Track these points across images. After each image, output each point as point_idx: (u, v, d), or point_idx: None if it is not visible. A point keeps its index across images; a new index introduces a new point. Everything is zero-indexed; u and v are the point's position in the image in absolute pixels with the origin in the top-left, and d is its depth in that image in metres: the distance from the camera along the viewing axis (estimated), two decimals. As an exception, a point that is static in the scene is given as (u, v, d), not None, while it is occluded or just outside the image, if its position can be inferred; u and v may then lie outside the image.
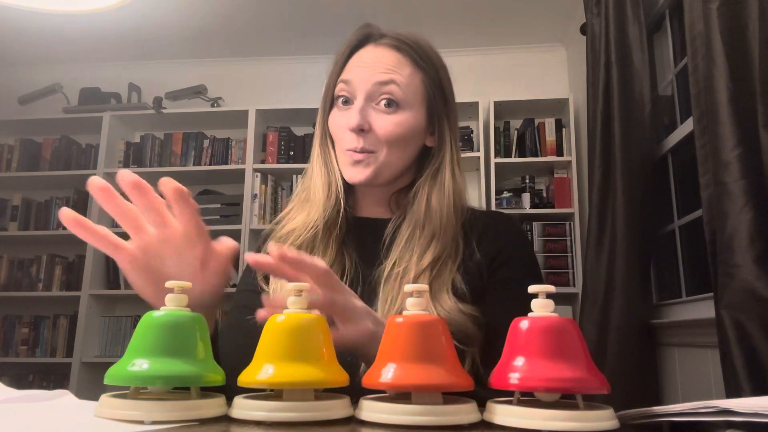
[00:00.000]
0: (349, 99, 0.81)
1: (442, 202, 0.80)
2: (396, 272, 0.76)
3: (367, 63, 0.81)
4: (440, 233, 0.78)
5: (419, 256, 0.76)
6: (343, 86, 0.82)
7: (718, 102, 1.37)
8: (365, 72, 0.80)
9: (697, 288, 1.93)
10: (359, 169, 0.80)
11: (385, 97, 0.79)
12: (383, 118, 0.79)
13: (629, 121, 2.06)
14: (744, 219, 1.27)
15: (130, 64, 3.60)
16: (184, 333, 0.46)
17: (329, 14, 3.05)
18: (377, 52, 0.82)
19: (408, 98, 0.80)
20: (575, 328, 0.45)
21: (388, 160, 0.80)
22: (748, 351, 1.23)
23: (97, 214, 3.13)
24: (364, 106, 0.79)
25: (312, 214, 0.81)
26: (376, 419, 0.43)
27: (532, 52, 3.37)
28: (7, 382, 0.64)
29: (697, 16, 1.49)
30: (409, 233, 0.79)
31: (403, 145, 0.81)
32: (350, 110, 0.80)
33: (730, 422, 0.39)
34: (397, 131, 0.79)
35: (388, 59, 0.81)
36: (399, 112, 0.80)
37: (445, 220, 0.79)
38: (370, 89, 0.79)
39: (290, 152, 3.21)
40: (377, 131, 0.79)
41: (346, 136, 0.80)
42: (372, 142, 0.79)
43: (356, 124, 0.78)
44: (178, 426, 0.41)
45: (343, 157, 0.82)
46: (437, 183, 0.82)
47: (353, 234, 0.83)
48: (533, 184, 3.06)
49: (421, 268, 0.75)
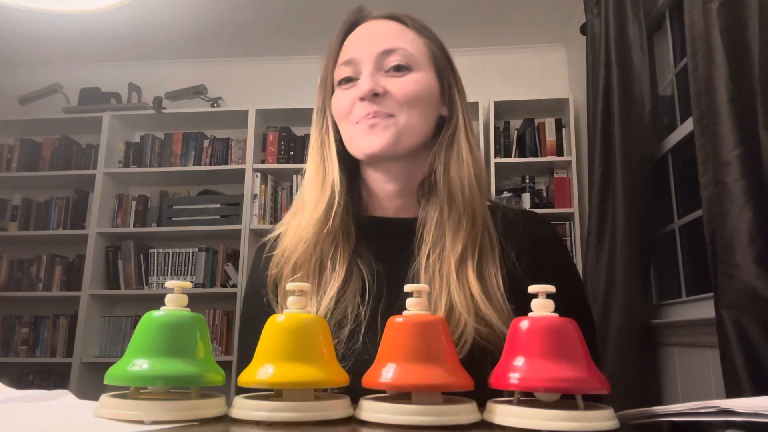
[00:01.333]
0: (352, 77, 0.75)
1: (461, 173, 0.73)
2: (432, 260, 0.69)
3: (366, 37, 0.76)
4: (465, 210, 0.71)
5: (452, 241, 0.69)
6: (343, 68, 0.75)
7: (718, 102, 1.37)
8: (367, 45, 0.74)
9: (697, 288, 1.93)
10: (376, 135, 0.71)
11: (394, 62, 0.73)
12: (397, 81, 0.73)
13: (629, 121, 2.06)
14: (744, 219, 1.27)
15: (130, 64, 3.60)
16: (184, 333, 0.46)
17: (329, 14, 3.04)
18: (375, 25, 0.77)
19: (417, 60, 0.74)
20: (575, 328, 0.45)
21: (407, 123, 0.72)
22: (748, 351, 1.23)
23: (97, 213, 3.13)
24: (373, 73, 0.73)
25: (304, 217, 0.73)
26: (376, 419, 0.43)
27: (532, 52, 3.37)
28: (7, 382, 0.64)
29: (697, 16, 1.49)
30: (438, 217, 0.72)
31: (423, 107, 0.73)
32: (357, 84, 0.74)
33: (730, 422, 0.39)
34: (415, 90, 0.72)
35: (388, 28, 0.76)
36: (411, 73, 0.73)
37: (468, 195, 0.72)
38: (376, 59, 0.73)
39: (290, 152, 3.21)
40: (394, 93, 0.72)
41: (356, 107, 0.73)
42: (387, 105, 0.72)
43: (369, 89, 0.71)
44: (178, 426, 0.41)
45: (355, 134, 0.73)
46: (453, 153, 0.74)
47: (369, 237, 0.74)
48: (533, 184, 3.06)
49: (458, 253, 0.68)
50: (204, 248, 3.14)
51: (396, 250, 0.73)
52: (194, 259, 3.15)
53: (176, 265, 3.16)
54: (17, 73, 3.61)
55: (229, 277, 3.08)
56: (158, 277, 3.15)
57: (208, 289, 3.08)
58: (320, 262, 0.72)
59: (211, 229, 3.11)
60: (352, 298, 0.69)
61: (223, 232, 3.12)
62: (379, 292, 0.70)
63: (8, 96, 3.43)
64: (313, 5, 2.99)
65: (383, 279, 0.71)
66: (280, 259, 0.74)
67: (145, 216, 3.23)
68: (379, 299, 0.69)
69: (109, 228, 3.20)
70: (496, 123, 3.06)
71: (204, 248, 3.14)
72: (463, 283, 0.67)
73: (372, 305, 0.69)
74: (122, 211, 3.24)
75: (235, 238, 3.08)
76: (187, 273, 3.13)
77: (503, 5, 2.97)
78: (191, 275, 3.12)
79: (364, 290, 0.70)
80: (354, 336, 0.67)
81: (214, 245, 3.17)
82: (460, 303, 0.65)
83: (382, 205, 0.79)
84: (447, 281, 0.67)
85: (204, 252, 3.14)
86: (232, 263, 3.10)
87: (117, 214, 3.24)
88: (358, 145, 0.73)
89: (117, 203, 3.26)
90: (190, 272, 3.13)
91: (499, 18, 3.09)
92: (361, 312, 0.69)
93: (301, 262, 0.72)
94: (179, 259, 3.17)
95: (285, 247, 0.74)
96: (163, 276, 3.15)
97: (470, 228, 0.70)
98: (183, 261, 3.16)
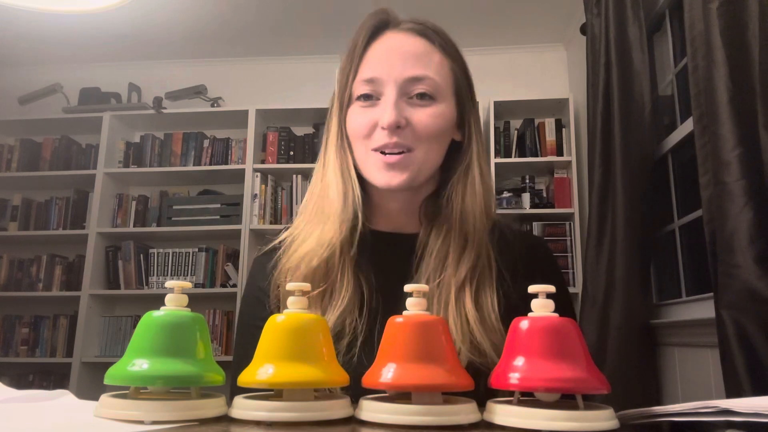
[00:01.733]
0: (373, 96, 0.72)
1: (474, 202, 0.73)
2: (431, 288, 0.68)
3: (392, 53, 0.72)
4: (473, 239, 0.71)
5: (455, 268, 0.69)
6: (365, 85, 0.72)
7: (718, 102, 1.37)
8: (394, 66, 0.71)
9: (697, 288, 1.93)
10: (395, 174, 0.70)
11: (420, 90, 0.71)
12: (420, 112, 0.71)
13: (629, 121, 2.06)
14: (744, 219, 1.27)
15: (130, 64, 3.60)
16: (184, 333, 0.46)
17: (329, 14, 3.05)
18: (401, 39, 0.74)
19: (442, 90, 0.72)
20: (575, 328, 0.45)
21: (425, 158, 0.71)
22: (748, 351, 1.23)
23: (97, 213, 3.13)
24: (397, 101, 0.70)
25: (327, 232, 0.71)
26: (376, 419, 0.43)
27: (532, 52, 3.37)
28: (7, 382, 0.64)
29: (697, 16, 1.49)
30: (441, 242, 0.71)
31: (440, 140, 0.73)
32: (378, 106, 0.71)
33: (730, 422, 0.39)
34: (436, 124, 0.71)
35: (415, 47, 0.73)
36: (434, 104, 0.72)
37: (477, 224, 0.72)
38: (401, 85, 0.71)
39: (290, 152, 3.21)
40: (416, 126, 0.70)
41: (376, 134, 0.71)
42: (408, 137, 0.70)
43: (393, 121, 0.68)
44: (178, 426, 0.41)
45: (370, 160, 0.72)
46: (468, 183, 0.74)
47: (371, 251, 0.73)
48: (533, 184, 3.06)
49: (460, 279, 0.69)
50: (204, 248, 3.14)
51: (395, 266, 0.73)
52: (194, 259, 3.15)
53: (176, 265, 3.16)
54: (17, 73, 3.61)
55: (229, 277, 3.08)
56: (158, 277, 3.15)
57: (208, 289, 3.08)
58: (330, 274, 0.71)
59: (211, 229, 3.11)
60: (351, 310, 0.69)
61: (223, 232, 3.12)
62: (376, 306, 0.70)
63: (8, 96, 3.43)
64: (313, 5, 2.99)
65: (381, 294, 0.71)
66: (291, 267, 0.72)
67: (145, 216, 3.23)
68: (376, 313, 0.69)
69: (109, 228, 3.20)
70: (496, 123, 3.06)
71: (204, 248, 3.14)
72: (460, 311, 0.68)
73: (369, 319, 0.69)
74: (122, 211, 3.24)
75: (235, 238, 3.08)
76: (187, 273, 3.13)
77: (503, 5, 2.97)
78: (191, 275, 3.12)
79: (362, 303, 0.70)
80: (351, 349, 0.67)
81: (214, 245, 3.17)
82: (455, 331, 0.66)
83: (384, 221, 0.78)
84: (445, 309, 0.68)
85: (204, 252, 3.14)
86: (232, 263, 3.10)
87: (117, 214, 3.24)
88: (372, 174, 0.72)
89: (117, 203, 3.26)
90: (190, 272, 3.13)
91: (499, 18, 3.09)
92: (358, 325, 0.69)
93: (313, 274, 0.70)
94: (179, 259, 3.17)
95: (300, 256, 0.72)
96: (163, 276, 3.15)
97: (474, 257, 0.70)
98: (183, 261, 3.16)
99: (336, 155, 0.75)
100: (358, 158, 0.74)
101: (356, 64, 0.74)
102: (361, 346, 0.67)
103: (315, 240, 0.72)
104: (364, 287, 0.71)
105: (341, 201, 0.72)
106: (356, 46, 0.74)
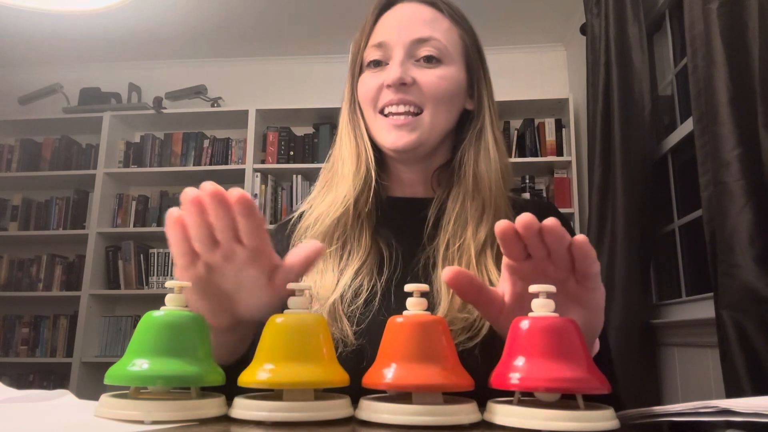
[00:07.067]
0: (382, 61, 0.74)
1: (489, 168, 0.74)
2: (452, 252, 0.70)
3: (401, 20, 0.75)
4: (491, 203, 0.72)
5: (474, 231, 0.70)
6: (374, 50, 0.75)
7: (718, 102, 1.37)
8: (401, 30, 0.73)
9: (697, 288, 1.93)
10: (402, 134, 0.72)
11: (426, 53, 0.72)
12: (428, 73, 0.72)
13: (629, 121, 2.06)
14: (744, 219, 1.27)
15: (130, 64, 3.60)
16: (184, 333, 0.46)
17: (329, 14, 3.05)
18: (411, 7, 0.76)
19: (449, 53, 0.74)
20: (575, 328, 0.45)
21: (434, 122, 0.73)
22: (748, 351, 1.23)
23: (97, 213, 3.13)
24: (403, 60, 0.72)
25: (341, 190, 0.74)
26: (376, 419, 0.43)
27: (532, 52, 3.37)
28: (7, 382, 0.64)
29: (697, 16, 1.49)
30: (459, 207, 0.73)
31: (449, 103, 0.74)
32: (385, 69, 0.73)
33: (730, 422, 0.39)
34: (443, 85, 0.72)
35: (423, 14, 0.75)
36: (441, 66, 0.73)
37: (494, 189, 0.73)
38: (408, 47, 0.72)
39: (290, 152, 3.21)
40: (423, 85, 0.72)
41: (382, 94, 0.73)
42: (416, 95, 0.72)
43: (397, 77, 0.70)
44: (178, 426, 0.41)
45: (379, 121, 0.74)
46: (482, 148, 0.75)
47: (389, 216, 0.76)
48: (533, 184, 3.06)
49: (480, 242, 0.70)
50: (204, 248, 3.14)
51: (412, 230, 0.75)
52: (194, 259, 3.15)
53: (176, 265, 3.16)
54: (17, 73, 3.61)
55: (229, 277, 3.08)
56: (158, 277, 3.15)
57: (208, 289, 3.08)
58: (345, 236, 0.73)
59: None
60: (369, 271, 0.71)
61: (223, 232, 3.12)
62: (395, 267, 0.72)
63: (8, 96, 3.43)
64: (313, 5, 2.99)
65: (399, 256, 0.73)
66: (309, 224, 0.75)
67: (145, 216, 3.23)
68: (393, 273, 0.72)
69: (109, 228, 3.20)
70: (496, 123, 3.05)
71: (204, 248, 3.14)
72: (482, 270, 0.69)
73: (387, 278, 0.71)
74: (122, 211, 3.24)
75: (235, 238, 3.08)
76: (187, 273, 3.13)
77: (503, 5, 2.97)
78: (191, 275, 3.12)
79: (381, 265, 0.72)
80: (369, 304, 0.69)
81: (214, 245, 3.17)
82: None
83: (401, 187, 0.80)
84: (467, 268, 0.69)
85: (204, 252, 3.14)
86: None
87: (117, 214, 3.24)
88: (381, 135, 0.74)
89: (117, 203, 3.26)
90: (190, 272, 3.13)
91: (499, 18, 3.09)
92: (377, 284, 0.71)
93: (328, 230, 0.73)
94: (179, 259, 3.16)
95: (315, 216, 0.74)
96: (163, 276, 3.15)
97: (493, 220, 0.70)
98: (183, 261, 3.16)
99: (348, 120, 0.78)
100: (368, 123, 0.76)
101: (367, 33, 0.77)
102: (380, 300, 0.69)
103: (330, 199, 0.74)
104: (383, 249, 0.73)
105: (354, 161, 0.75)
106: (367, 19, 0.77)
